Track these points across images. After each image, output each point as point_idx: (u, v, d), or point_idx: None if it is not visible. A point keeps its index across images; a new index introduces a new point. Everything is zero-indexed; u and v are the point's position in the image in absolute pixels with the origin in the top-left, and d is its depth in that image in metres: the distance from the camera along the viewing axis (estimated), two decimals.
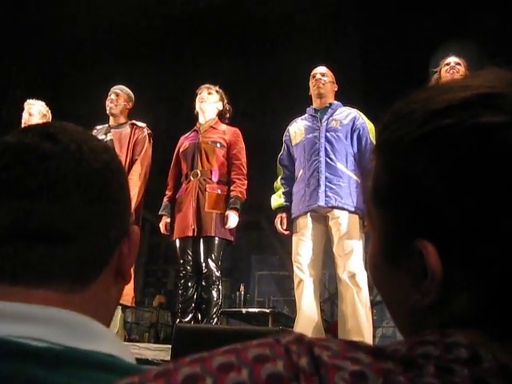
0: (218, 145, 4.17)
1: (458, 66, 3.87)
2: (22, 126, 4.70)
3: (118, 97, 4.52)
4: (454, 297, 0.51)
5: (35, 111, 4.77)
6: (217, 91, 4.37)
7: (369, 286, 3.64)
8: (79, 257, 0.61)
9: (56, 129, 0.65)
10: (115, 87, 4.59)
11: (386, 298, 0.60)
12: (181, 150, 4.32)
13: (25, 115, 4.76)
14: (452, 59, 3.93)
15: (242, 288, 7.07)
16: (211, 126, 4.29)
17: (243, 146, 4.26)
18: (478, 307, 0.50)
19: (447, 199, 0.50)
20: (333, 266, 3.80)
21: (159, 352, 2.93)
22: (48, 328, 0.55)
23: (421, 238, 0.51)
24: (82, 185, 0.62)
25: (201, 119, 4.35)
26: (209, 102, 4.32)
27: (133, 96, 4.62)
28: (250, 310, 6.43)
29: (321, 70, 4.16)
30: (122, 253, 0.67)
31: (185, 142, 4.34)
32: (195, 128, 4.37)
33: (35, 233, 0.60)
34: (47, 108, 4.87)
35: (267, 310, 6.15)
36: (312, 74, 4.17)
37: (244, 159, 4.21)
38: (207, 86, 4.37)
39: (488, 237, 0.48)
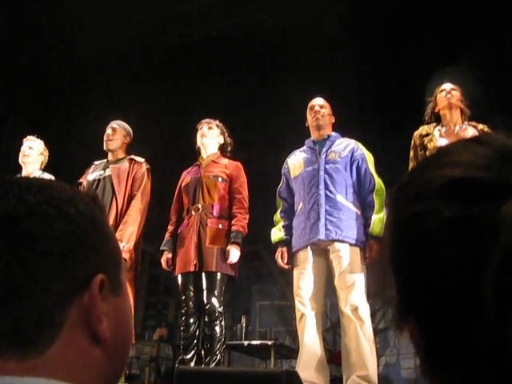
0: (220, 179, 4.17)
1: (453, 92, 3.92)
2: (20, 159, 4.73)
3: (115, 132, 4.50)
4: (440, 373, 0.52)
5: (35, 147, 4.77)
6: (217, 125, 4.38)
7: (370, 315, 3.61)
8: (18, 320, 0.57)
9: None
10: (112, 122, 4.58)
11: None
12: (183, 184, 4.32)
13: (24, 148, 4.75)
14: (447, 85, 3.97)
15: (243, 320, 6.98)
16: (213, 161, 4.29)
17: (245, 179, 4.25)
18: None
19: (414, 279, 0.53)
20: (334, 295, 3.76)
21: None
22: None
23: (408, 313, 0.54)
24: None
25: (203, 154, 4.36)
26: (210, 137, 4.33)
27: (130, 130, 4.60)
28: (252, 342, 6.36)
29: (319, 101, 4.15)
30: (83, 307, 0.61)
31: (187, 176, 4.34)
32: (197, 163, 4.37)
33: None
34: (45, 147, 4.86)
35: (269, 343, 6.09)
36: (310, 105, 4.16)
37: (246, 193, 4.19)
38: (207, 120, 4.39)
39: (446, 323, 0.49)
